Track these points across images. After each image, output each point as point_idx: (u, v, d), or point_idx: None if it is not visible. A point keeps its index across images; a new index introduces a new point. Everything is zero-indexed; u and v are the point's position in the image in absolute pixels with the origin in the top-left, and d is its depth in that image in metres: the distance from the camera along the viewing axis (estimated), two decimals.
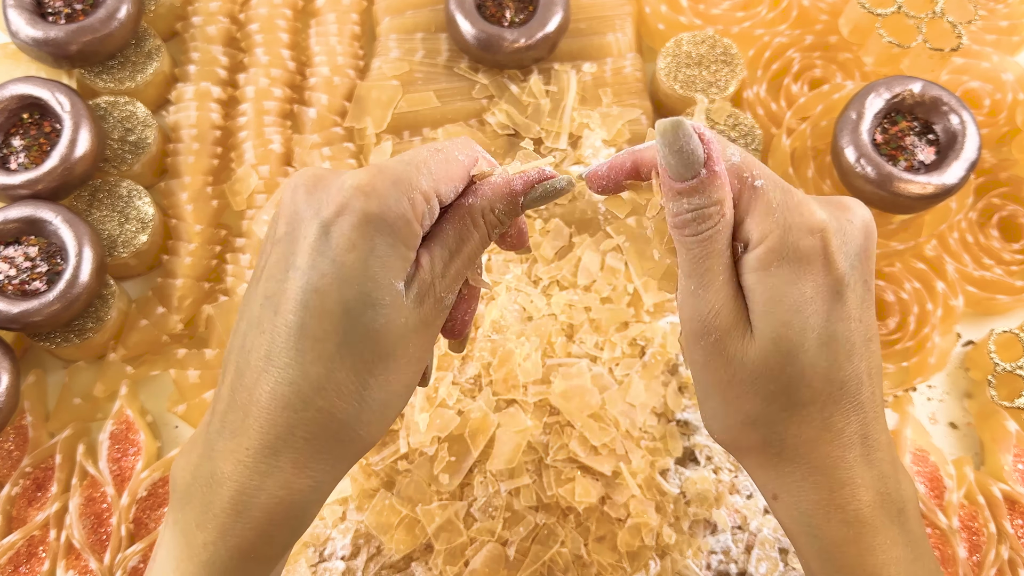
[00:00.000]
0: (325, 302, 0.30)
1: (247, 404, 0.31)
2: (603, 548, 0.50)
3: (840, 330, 0.31)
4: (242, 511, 0.30)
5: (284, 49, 0.66)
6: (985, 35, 0.64)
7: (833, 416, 0.32)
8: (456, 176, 0.33)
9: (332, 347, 0.30)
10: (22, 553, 0.51)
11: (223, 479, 0.31)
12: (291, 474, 0.31)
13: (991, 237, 0.60)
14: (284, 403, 0.30)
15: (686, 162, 0.31)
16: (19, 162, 0.56)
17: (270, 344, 0.31)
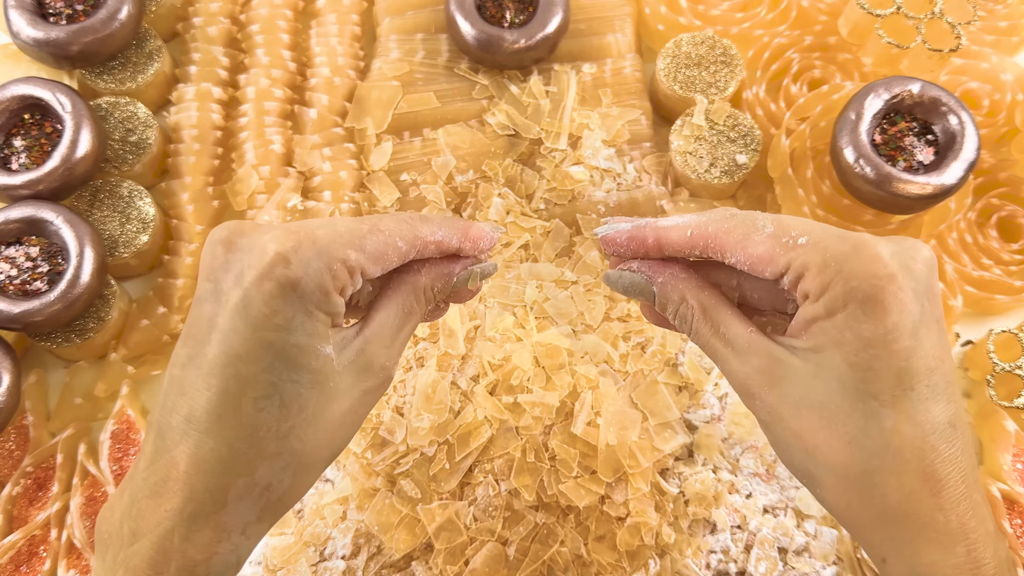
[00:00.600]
0: (247, 367, 0.30)
1: (168, 467, 0.30)
2: (603, 547, 0.50)
3: (918, 367, 0.30)
4: (160, 572, 0.30)
5: (285, 50, 0.66)
6: (984, 36, 0.64)
7: (932, 462, 0.30)
8: (388, 260, 0.34)
9: (253, 412, 0.30)
10: (23, 552, 0.51)
11: (142, 537, 0.30)
12: (210, 539, 0.30)
13: (990, 237, 0.60)
14: (204, 468, 0.30)
15: (639, 293, 0.36)
16: (20, 162, 0.56)
17: (190, 407, 0.30)
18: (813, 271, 0.30)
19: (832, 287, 0.30)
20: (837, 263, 0.30)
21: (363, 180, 0.62)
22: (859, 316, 0.29)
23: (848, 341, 0.30)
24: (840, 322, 0.30)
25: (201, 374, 0.30)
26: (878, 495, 0.30)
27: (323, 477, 0.53)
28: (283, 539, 0.51)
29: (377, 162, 0.62)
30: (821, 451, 0.31)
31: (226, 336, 0.30)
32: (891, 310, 0.29)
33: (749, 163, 0.60)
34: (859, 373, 0.30)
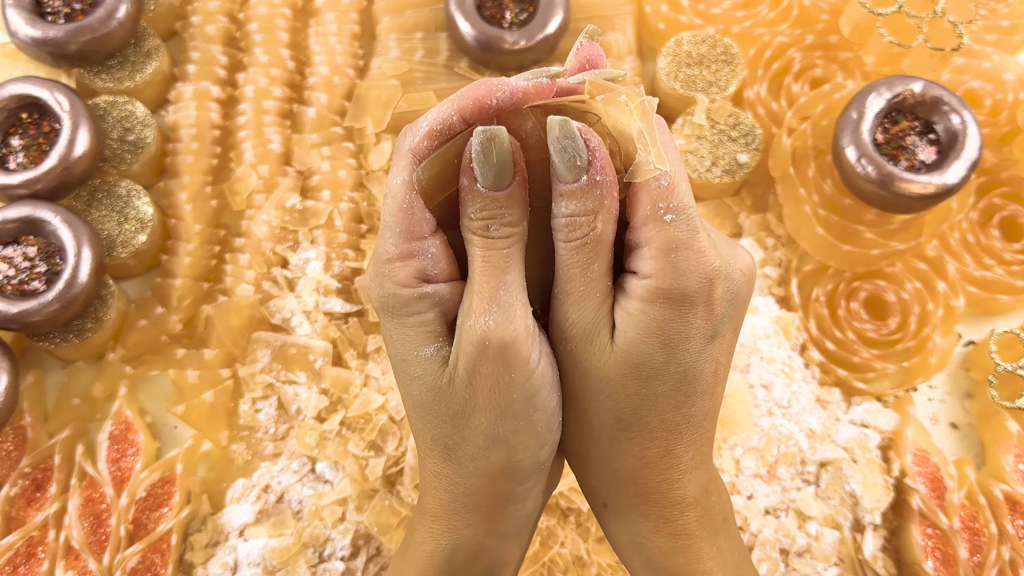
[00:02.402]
0: (400, 385, 0.34)
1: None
2: (603, 549, 0.50)
3: (704, 371, 0.31)
4: (401, 552, 0.36)
5: (283, 48, 0.65)
6: (986, 35, 0.64)
7: (676, 445, 0.32)
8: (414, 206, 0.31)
9: (416, 423, 0.34)
10: (21, 554, 0.51)
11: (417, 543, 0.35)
12: (429, 522, 0.34)
13: (992, 237, 0.60)
14: (416, 472, 0.36)
15: (568, 163, 0.30)
16: (18, 162, 0.56)
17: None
18: (652, 251, 0.30)
19: (658, 277, 0.30)
20: (677, 254, 0.30)
21: (362, 179, 0.62)
22: (667, 313, 0.30)
23: (650, 331, 0.30)
24: (652, 313, 0.30)
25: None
26: (611, 473, 0.33)
27: (322, 478, 0.53)
28: (282, 540, 0.51)
29: (376, 161, 0.62)
30: (578, 412, 0.33)
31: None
32: (697, 315, 0.30)
33: (750, 162, 0.59)
34: (647, 360, 0.31)
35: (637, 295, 0.31)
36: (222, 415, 0.55)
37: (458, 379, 0.31)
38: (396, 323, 0.32)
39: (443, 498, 0.34)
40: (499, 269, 0.31)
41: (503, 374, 0.31)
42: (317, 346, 0.56)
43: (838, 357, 0.57)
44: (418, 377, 0.32)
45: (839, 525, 0.52)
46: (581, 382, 0.32)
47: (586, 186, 0.30)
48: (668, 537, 0.33)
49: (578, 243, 0.31)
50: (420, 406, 0.33)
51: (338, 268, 0.58)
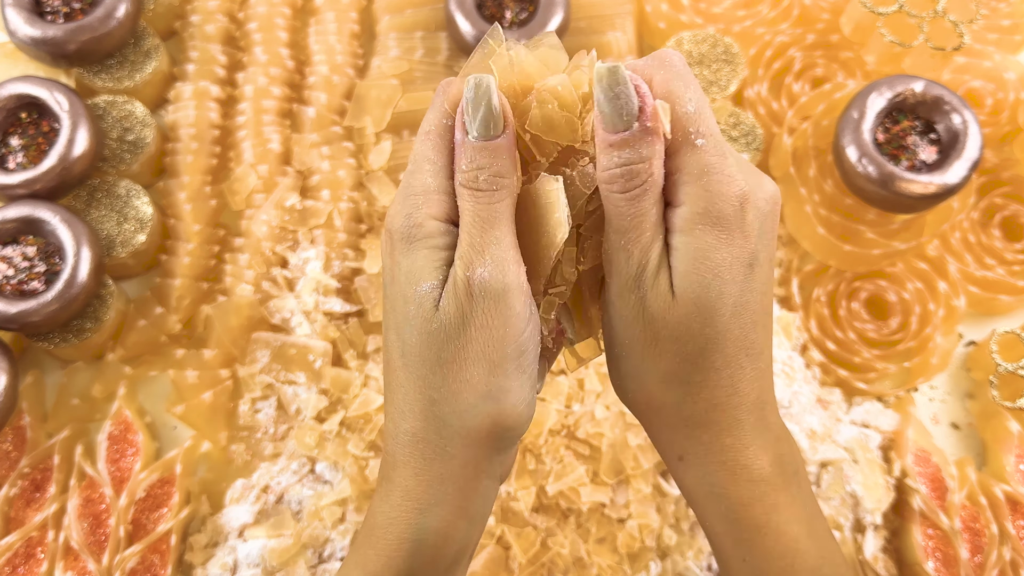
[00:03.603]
0: (388, 334, 0.33)
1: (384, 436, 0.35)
2: (604, 549, 0.50)
3: (751, 300, 0.32)
4: (368, 530, 0.34)
5: (283, 48, 0.65)
6: (987, 34, 0.64)
7: (741, 382, 0.32)
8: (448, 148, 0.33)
9: (399, 372, 0.33)
10: (20, 554, 0.51)
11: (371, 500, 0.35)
12: (399, 498, 0.33)
13: (993, 237, 0.60)
14: (387, 433, 0.34)
15: (619, 111, 0.30)
16: (17, 161, 0.56)
17: (385, 387, 0.35)
18: (687, 177, 0.31)
19: (696, 201, 0.31)
20: (710, 177, 0.31)
21: (362, 179, 0.62)
22: (709, 240, 0.31)
23: (699, 261, 0.31)
24: (696, 244, 0.31)
25: None
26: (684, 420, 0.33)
27: (321, 479, 0.53)
28: (281, 541, 0.51)
29: (376, 161, 0.61)
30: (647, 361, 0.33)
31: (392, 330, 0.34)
32: (734, 241, 0.31)
33: (751, 162, 0.59)
34: (703, 293, 0.31)
35: (678, 227, 0.31)
36: (221, 415, 0.55)
37: (450, 324, 0.31)
38: (411, 251, 0.32)
39: (417, 465, 0.33)
40: (489, 222, 0.31)
41: (498, 326, 0.31)
42: (317, 346, 0.56)
43: (839, 357, 0.57)
44: (412, 316, 0.31)
45: (840, 525, 0.52)
46: (650, 329, 0.32)
47: (639, 133, 0.30)
48: (746, 484, 0.33)
49: (639, 191, 0.31)
50: (409, 352, 0.32)
51: (338, 268, 0.58)
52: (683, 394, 0.33)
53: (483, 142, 0.31)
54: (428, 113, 0.33)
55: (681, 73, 0.32)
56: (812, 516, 0.34)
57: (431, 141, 0.32)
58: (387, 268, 0.33)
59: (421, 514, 0.32)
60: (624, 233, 0.31)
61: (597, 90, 0.30)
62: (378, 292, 0.57)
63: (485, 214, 0.31)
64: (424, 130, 0.33)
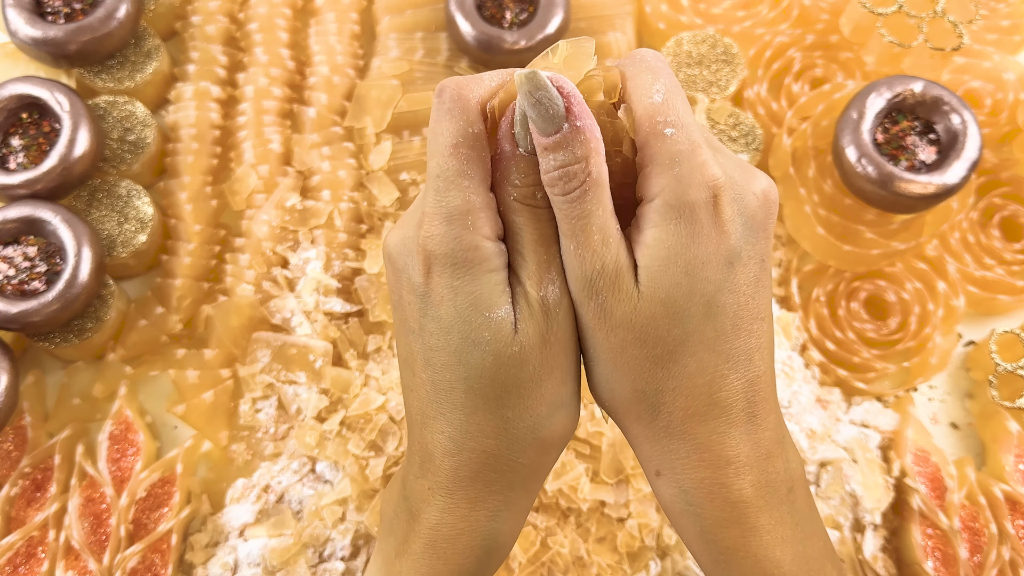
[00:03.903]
0: (440, 357, 0.31)
1: (422, 452, 0.33)
2: (603, 549, 0.50)
3: (727, 303, 0.30)
4: (429, 544, 0.33)
5: (283, 48, 0.65)
6: (986, 34, 0.64)
7: (720, 391, 0.31)
8: (488, 156, 0.31)
9: (461, 395, 0.31)
10: (21, 554, 0.51)
11: (414, 514, 0.33)
12: (466, 509, 0.32)
13: (992, 237, 0.60)
14: (443, 451, 0.32)
15: (545, 115, 0.29)
16: (18, 162, 0.56)
17: (420, 401, 0.33)
18: (656, 168, 0.30)
19: (665, 192, 0.30)
20: (680, 167, 0.29)
21: (362, 179, 0.62)
22: (681, 234, 0.29)
23: (669, 259, 0.30)
24: (667, 239, 0.30)
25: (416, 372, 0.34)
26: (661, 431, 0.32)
27: (322, 478, 0.53)
28: (282, 540, 0.51)
29: (376, 161, 0.62)
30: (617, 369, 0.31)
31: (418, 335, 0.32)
32: (708, 236, 0.29)
33: (751, 162, 0.59)
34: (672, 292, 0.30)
35: (650, 220, 0.30)
36: (222, 415, 0.55)
37: (530, 346, 0.30)
38: (469, 279, 0.30)
39: (488, 478, 0.32)
40: (551, 239, 0.31)
41: (568, 339, 0.31)
42: (317, 346, 0.56)
43: (838, 357, 0.57)
44: (486, 342, 0.30)
45: (839, 525, 0.52)
46: (616, 335, 0.31)
47: (570, 134, 0.29)
48: (723, 505, 0.31)
49: (579, 192, 0.30)
50: (480, 376, 0.31)
51: (338, 268, 0.58)
52: (657, 403, 0.31)
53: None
54: (444, 123, 0.31)
55: (651, 66, 0.31)
56: (805, 538, 0.32)
57: (462, 154, 0.30)
58: (440, 287, 0.31)
59: (492, 520, 0.33)
60: (573, 237, 0.30)
61: (520, 97, 0.29)
62: (378, 292, 0.57)
63: (547, 232, 0.31)
64: (449, 143, 0.30)
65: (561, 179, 0.30)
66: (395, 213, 0.60)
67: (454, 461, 0.32)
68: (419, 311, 0.32)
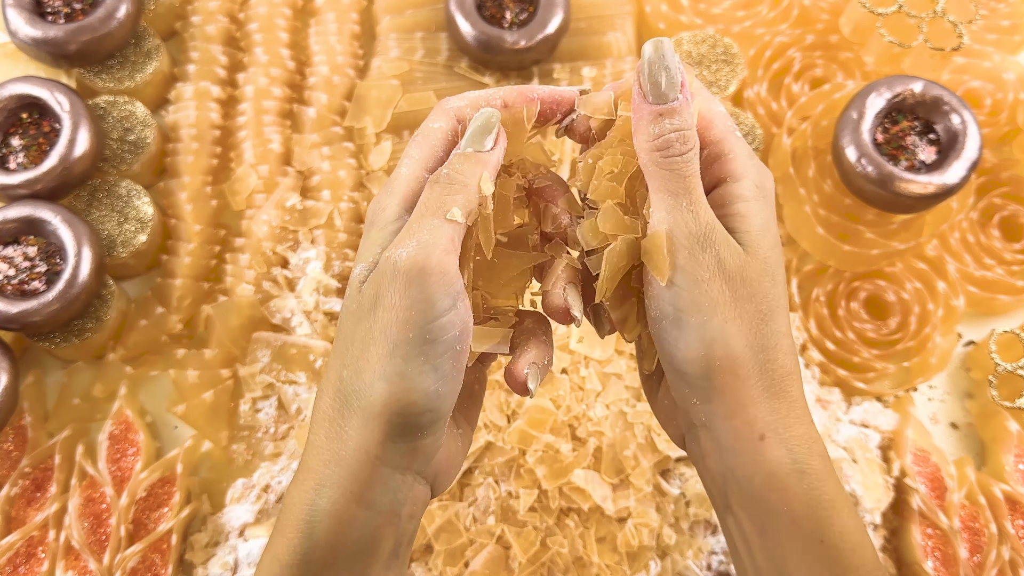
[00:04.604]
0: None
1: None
2: (603, 549, 0.50)
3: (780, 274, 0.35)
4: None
5: (283, 48, 0.65)
6: (986, 35, 0.64)
7: (793, 352, 0.34)
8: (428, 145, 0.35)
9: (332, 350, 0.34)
10: (21, 553, 0.51)
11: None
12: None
13: (992, 237, 0.60)
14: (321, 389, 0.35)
15: (670, 81, 0.33)
16: (18, 162, 0.56)
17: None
18: (741, 159, 0.34)
19: (754, 176, 0.34)
20: (754, 160, 0.35)
21: (362, 179, 0.62)
22: (767, 209, 0.34)
23: (765, 225, 0.34)
24: (758, 209, 0.34)
25: None
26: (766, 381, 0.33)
27: None
28: None
29: (376, 161, 0.62)
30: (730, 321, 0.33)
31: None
32: (774, 218, 0.35)
33: None
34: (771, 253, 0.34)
35: (741, 196, 0.34)
36: (222, 415, 0.55)
37: (365, 302, 0.32)
38: (367, 236, 0.34)
39: (320, 444, 0.33)
40: (432, 211, 0.32)
41: (404, 307, 0.31)
42: (317, 346, 0.56)
43: (838, 357, 0.57)
44: (347, 297, 0.33)
45: None
46: (729, 286, 0.32)
47: (683, 103, 0.33)
48: (820, 460, 0.33)
49: (691, 154, 0.33)
50: (339, 331, 0.33)
51: (338, 268, 0.58)
52: (765, 358, 0.33)
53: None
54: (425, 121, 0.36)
55: (695, 87, 0.35)
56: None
57: (416, 140, 0.35)
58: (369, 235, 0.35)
59: (316, 494, 0.32)
60: (686, 195, 0.33)
61: (646, 65, 0.33)
62: None
63: (434, 204, 0.32)
64: (414, 133, 0.35)
65: (677, 140, 0.33)
66: None
67: (311, 423, 0.34)
68: None
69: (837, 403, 0.56)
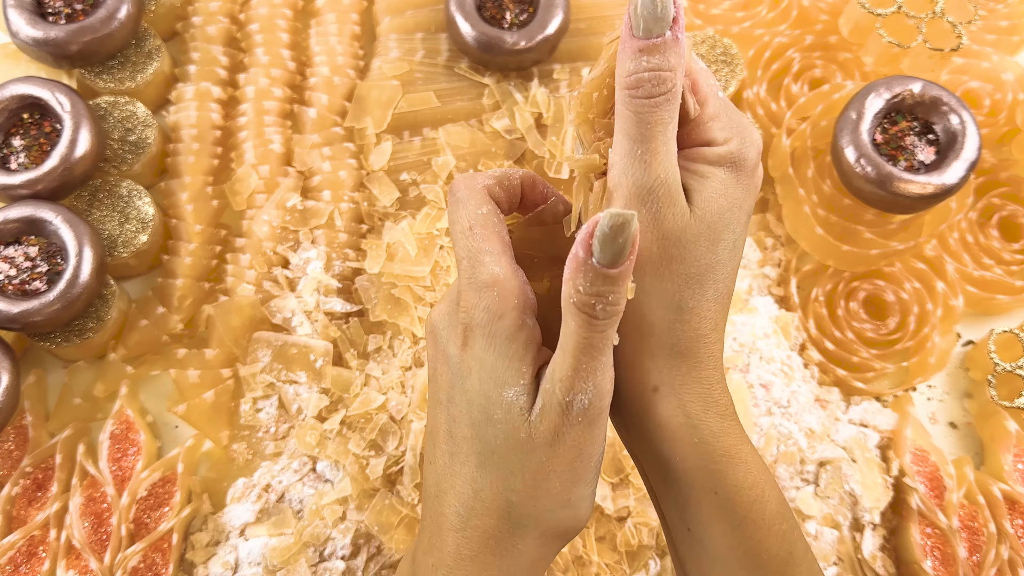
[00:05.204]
0: (461, 428, 0.33)
1: (432, 526, 0.34)
2: (603, 548, 0.50)
3: (740, 246, 0.34)
4: None
5: (284, 49, 0.66)
6: (985, 35, 0.64)
7: (719, 318, 0.34)
8: (503, 231, 0.33)
9: (473, 469, 0.33)
10: (22, 553, 0.51)
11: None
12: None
13: (991, 237, 0.60)
14: (449, 525, 0.33)
15: (658, 16, 0.30)
16: (19, 162, 0.56)
17: (436, 475, 0.34)
18: (723, 121, 0.34)
19: (732, 142, 0.33)
20: (739, 126, 0.34)
21: (363, 180, 0.62)
22: (734, 178, 0.33)
23: (722, 193, 0.33)
24: (722, 176, 0.33)
25: (438, 443, 0.35)
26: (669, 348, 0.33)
27: (322, 477, 0.53)
28: (283, 539, 0.51)
29: (377, 162, 0.62)
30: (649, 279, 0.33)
31: (445, 407, 0.34)
32: (749, 188, 0.34)
33: None
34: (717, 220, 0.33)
35: (711, 160, 0.33)
36: (223, 414, 0.55)
37: (541, 439, 0.31)
38: (494, 350, 0.31)
39: (486, 560, 0.33)
40: (598, 350, 0.31)
41: (587, 445, 0.32)
42: (318, 346, 0.56)
43: (837, 357, 0.58)
44: (499, 420, 0.31)
45: (838, 524, 0.52)
46: (660, 244, 0.32)
47: (671, 41, 0.31)
48: (717, 416, 0.33)
49: (663, 98, 0.31)
50: (491, 452, 0.32)
51: (339, 268, 0.59)
52: (675, 320, 0.33)
53: (607, 269, 0.29)
54: (457, 211, 0.33)
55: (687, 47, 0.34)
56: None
57: (477, 233, 0.32)
58: (462, 366, 0.32)
59: None
60: (642, 143, 0.31)
61: None
62: (379, 292, 0.57)
63: (596, 341, 0.31)
64: (465, 227, 0.33)
65: (650, 81, 0.31)
66: (395, 213, 0.60)
67: (458, 537, 0.33)
68: (449, 383, 0.33)
69: (836, 403, 0.56)
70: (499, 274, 0.32)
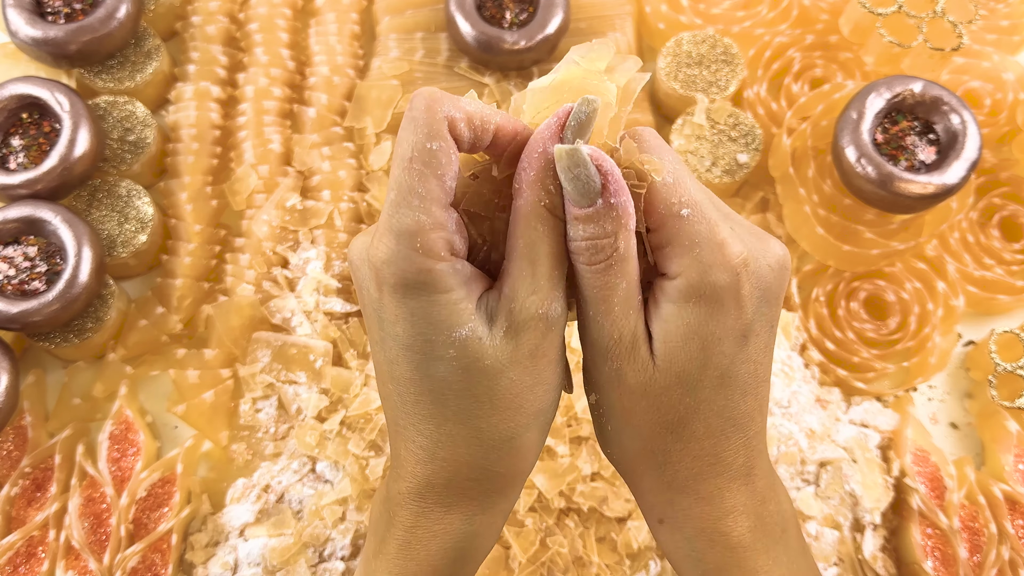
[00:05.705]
0: (402, 370, 0.31)
1: (397, 458, 0.34)
2: (603, 549, 0.50)
3: (741, 372, 0.31)
4: (403, 545, 0.33)
5: (284, 49, 0.66)
6: (986, 35, 0.64)
7: (725, 451, 0.32)
8: (446, 174, 0.30)
9: (429, 406, 0.32)
10: (21, 553, 0.51)
11: (391, 516, 0.34)
12: (440, 513, 0.33)
13: (992, 237, 0.60)
14: (415, 459, 0.33)
15: (581, 190, 0.29)
16: (18, 162, 0.56)
17: (391, 411, 0.33)
18: (677, 249, 0.30)
19: (687, 274, 0.30)
20: (700, 250, 0.30)
21: (362, 179, 0.62)
22: (700, 313, 0.30)
23: (687, 336, 0.31)
24: (686, 316, 0.30)
25: (383, 383, 0.34)
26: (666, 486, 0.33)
27: (322, 478, 0.53)
28: (282, 540, 0.51)
29: (376, 161, 0.62)
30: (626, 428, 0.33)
31: (380, 348, 0.32)
32: (728, 313, 0.30)
33: (750, 162, 0.59)
34: (687, 367, 0.31)
35: (670, 297, 0.30)
36: (222, 415, 0.55)
37: (512, 361, 0.30)
38: (423, 302, 0.30)
39: (462, 485, 0.32)
40: (564, 252, 0.31)
41: (558, 351, 0.32)
42: (317, 346, 0.56)
43: (838, 357, 0.57)
44: (451, 358, 0.30)
45: (839, 525, 0.52)
46: (629, 399, 0.32)
47: (603, 209, 0.29)
48: (723, 551, 0.32)
49: (603, 266, 0.30)
50: (448, 388, 0.31)
51: (338, 268, 0.59)
52: (663, 463, 0.33)
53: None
54: (405, 133, 0.30)
55: (654, 146, 0.31)
56: (796, 571, 0.34)
57: (415, 170, 0.29)
58: (392, 307, 0.30)
59: (467, 523, 0.33)
60: (594, 304, 0.31)
61: (559, 169, 0.29)
62: None
63: (564, 247, 0.31)
64: (406, 155, 0.29)
65: (588, 250, 0.30)
66: None
67: (426, 469, 0.32)
68: (377, 325, 0.32)
69: (837, 403, 0.56)
70: (425, 223, 0.29)
